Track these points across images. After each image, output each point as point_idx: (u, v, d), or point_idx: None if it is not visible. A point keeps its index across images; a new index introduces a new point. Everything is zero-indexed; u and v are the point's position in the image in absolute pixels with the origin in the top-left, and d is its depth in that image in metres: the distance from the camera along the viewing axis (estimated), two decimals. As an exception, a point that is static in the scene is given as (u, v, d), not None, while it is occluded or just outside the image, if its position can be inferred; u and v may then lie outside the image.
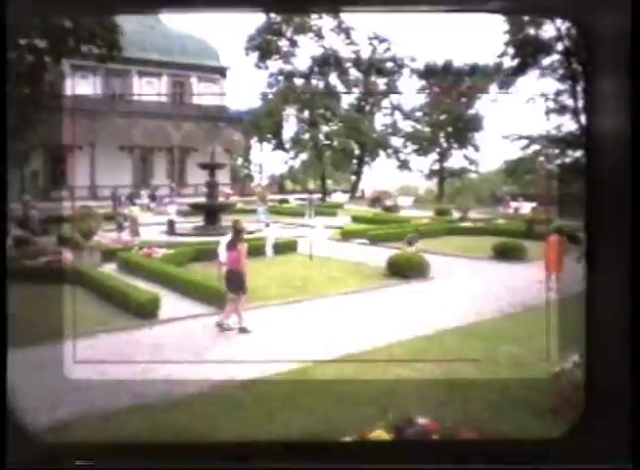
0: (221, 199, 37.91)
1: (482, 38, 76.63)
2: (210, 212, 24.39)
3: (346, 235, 21.07)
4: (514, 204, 32.28)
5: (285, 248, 17.68)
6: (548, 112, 39.00)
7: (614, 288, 2.88)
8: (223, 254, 9.99)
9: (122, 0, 3.17)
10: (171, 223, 22.19)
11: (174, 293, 11.71)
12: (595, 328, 2.95)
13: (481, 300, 11.59)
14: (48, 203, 33.01)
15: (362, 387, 6.32)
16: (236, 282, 9.49)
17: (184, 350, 8.18)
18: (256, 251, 16.76)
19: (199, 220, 24.51)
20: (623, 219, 2.75)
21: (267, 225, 18.79)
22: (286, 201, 38.35)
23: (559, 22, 31.76)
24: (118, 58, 18.29)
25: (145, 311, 9.69)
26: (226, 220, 24.36)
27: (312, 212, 26.75)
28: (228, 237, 10.04)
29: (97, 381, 6.87)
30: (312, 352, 7.73)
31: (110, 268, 14.30)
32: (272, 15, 42.10)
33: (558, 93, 38.59)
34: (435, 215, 29.75)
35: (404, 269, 13.49)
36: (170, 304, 10.76)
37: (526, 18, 34.29)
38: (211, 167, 25.56)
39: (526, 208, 33.11)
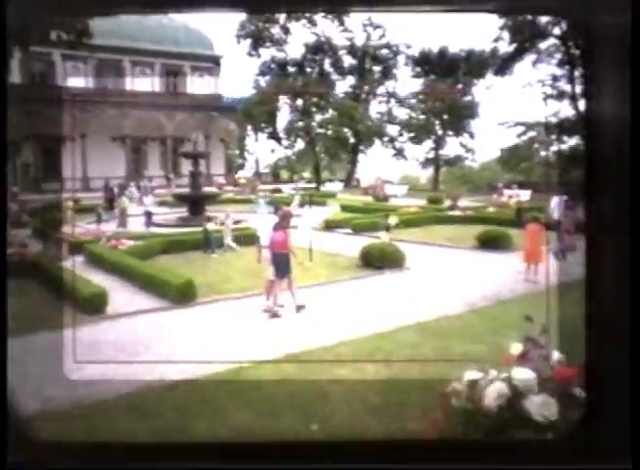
0: (214, 189, 37.73)
1: (478, 23, 75.38)
2: (194, 203, 23.85)
3: (330, 224, 20.58)
4: (508, 192, 31.65)
5: (262, 238, 17.18)
6: (546, 97, 38.30)
7: (615, 282, 2.79)
8: (265, 238, 10.08)
9: (122, 0, 3.13)
10: (148, 214, 21.52)
11: (132, 287, 11.24)
12: (595, 326, 2.87)
13: (454, 292, 11.07)
14: (39, 194, 32.68)
15: (294, 390, 5.83)
16: (282, 264, 9.66)
17: (124, 348, 7.68)
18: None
19: (184, 211, 24.02)
20: (624, 206, 2.69)
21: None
22: (279, 190, 37.80)
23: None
24: (88, 44, 17.75)
25: (91, 306, 9.19)
26: (211, 211, 24.00)
27: (297, 202, 26.12)
28: (269, 222, 10.22)
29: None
30: (253, 352, 7.23)
31: (77, 261, 13.87)
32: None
33: (555, 78, 37.88)
34: (428, 204, 29.31)
35: (377, 260, 12.96)
36: (125, 298, 10.29)
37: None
38: (194, 157, 24.99)
39: (522, 195, 32.66)
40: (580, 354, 2.96)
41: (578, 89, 36.34)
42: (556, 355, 3.53)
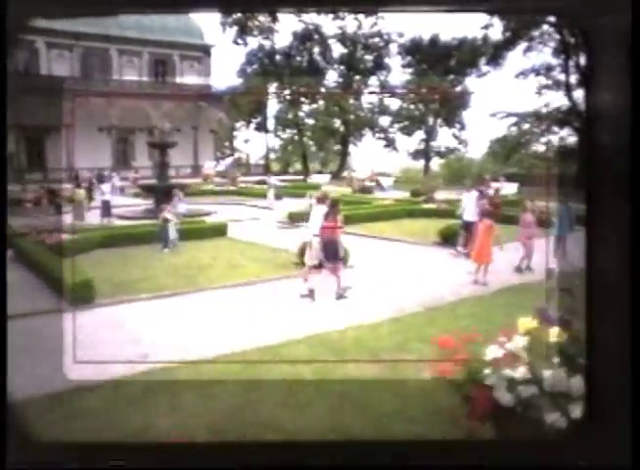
0: (199, 180, 36.84)
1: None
2: (161, 194, 22.88)
3: (294, 217, 19.64)
4: (494, 184, 30.45)
5: (213, 231, 16.35)
6: (540, 87, 37.11)
7: (615, 280, 2.75)
8: (315, 225, 10.36)
9: (122, 0, 3.14)
10: (106, 205, 20.36)
11: (38, 286, 10.39)
12: (595, 326, 2.83)
13: (391, 294, 10.07)
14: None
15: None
16: (332, 251, 10.03)
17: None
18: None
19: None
20: (624, 198, 2.67)
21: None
22: (264, 182, 36.83)
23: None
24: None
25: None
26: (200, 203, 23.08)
27: (272, 195, 25.33)
28: (320, 209, 10.44)
29: None
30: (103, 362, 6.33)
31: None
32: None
33: (549, 68, 36.67)
34: (411, 197, 28.43)
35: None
36: (19, 299, 9.39)
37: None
38: (161, 146, 24.05)
39: (510, 189, 31.66)
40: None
41: (573, 79, 35.18)
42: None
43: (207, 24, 74.69)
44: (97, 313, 8.82)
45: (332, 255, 10.05)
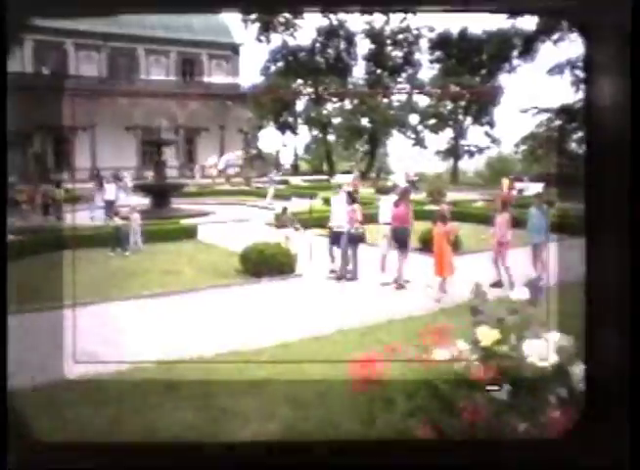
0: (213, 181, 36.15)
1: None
2: (158, 194, 22.10)
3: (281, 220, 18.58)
4: (518, 185, 28.61)
5: (181, 233, 15.46)
6: (577, 82, 35.04)
7: (614, 280, 2.75)
8: (385, 215, 10.44)
9: (123, 0, 3.12)
10: (110, 204, 19.62)
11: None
12: (595, 326, 2.82)
13: (318, 313, 8.74)
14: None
15: None
16: (403, 238, 10.09)
17: None
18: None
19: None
20: (625, 200, 2.70)
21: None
22: (286, 182, 35.91)
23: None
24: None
25: None
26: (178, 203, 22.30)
27: (271, 194, 24.35)
28: (389, 198, 10.58)
29: None
30: None
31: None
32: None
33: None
34: (427, 197, 27.14)
35: (254, 265, 10.80)
36: None
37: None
38: (157, 144, 23.31)
39: (535, 189, 29.91)
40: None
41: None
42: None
43: (234, 23, 74.26)
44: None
45: (402, 243, 10.03)
